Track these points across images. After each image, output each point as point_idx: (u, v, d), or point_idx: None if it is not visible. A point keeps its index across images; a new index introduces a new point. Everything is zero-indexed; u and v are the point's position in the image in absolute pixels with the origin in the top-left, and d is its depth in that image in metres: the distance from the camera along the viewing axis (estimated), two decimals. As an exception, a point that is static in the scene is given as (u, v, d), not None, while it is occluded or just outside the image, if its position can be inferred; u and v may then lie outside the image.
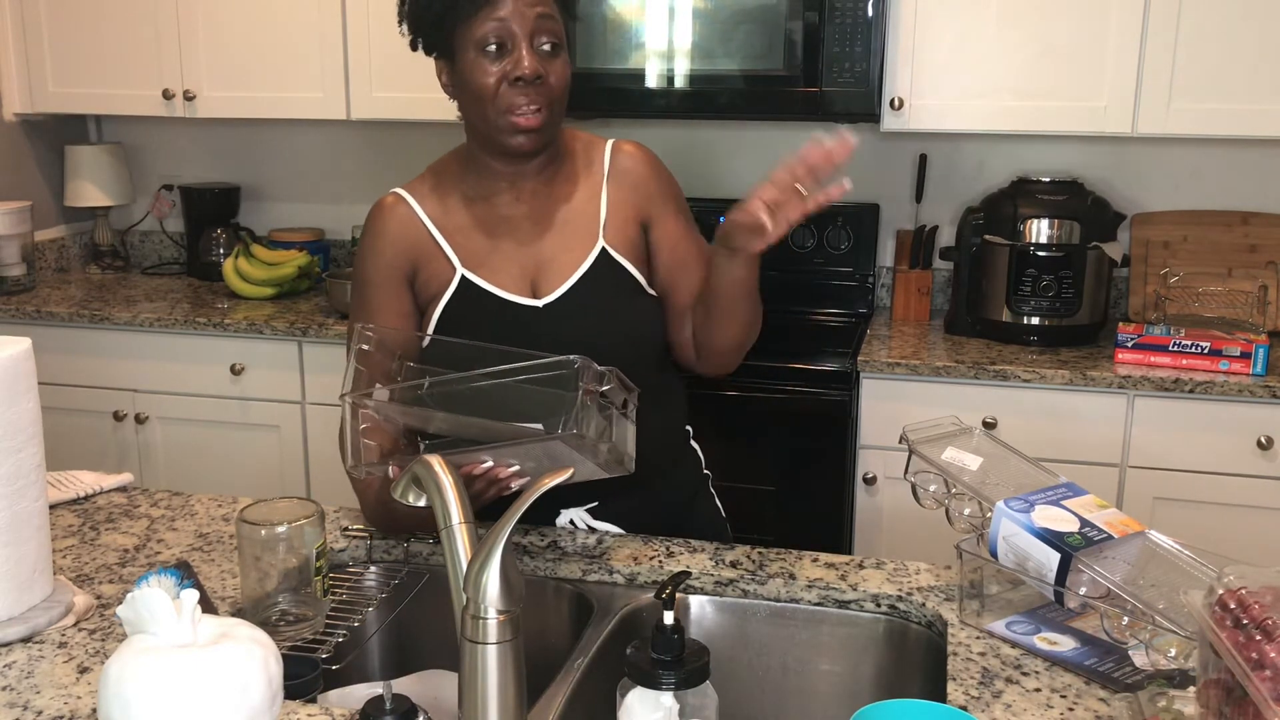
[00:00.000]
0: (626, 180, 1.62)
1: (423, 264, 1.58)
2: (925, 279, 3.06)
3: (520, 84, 1.48)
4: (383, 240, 1.59)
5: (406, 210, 1.60)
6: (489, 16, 1.47)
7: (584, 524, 1.62)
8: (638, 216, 1.61)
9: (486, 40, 1.48)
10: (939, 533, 1.53)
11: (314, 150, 3.58)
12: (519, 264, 1.58)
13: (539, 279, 1.57)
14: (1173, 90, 2.66)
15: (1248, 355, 2.52)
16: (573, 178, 1.62)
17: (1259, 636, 0.91)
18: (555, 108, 1.53)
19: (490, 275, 1.57)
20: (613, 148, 1.64)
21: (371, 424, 1.41)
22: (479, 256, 1.57)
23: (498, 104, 1.50)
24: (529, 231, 1.59)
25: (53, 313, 3.09)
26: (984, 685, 1.20)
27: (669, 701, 0.99)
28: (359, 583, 1.51)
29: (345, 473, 1.44)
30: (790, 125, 3.16)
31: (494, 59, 1.49)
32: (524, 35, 1.48)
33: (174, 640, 0.98)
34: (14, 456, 1.26)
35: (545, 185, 1.60)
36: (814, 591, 1.43)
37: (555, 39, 1.51)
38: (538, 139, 1.53)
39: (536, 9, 1.48)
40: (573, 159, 1.63)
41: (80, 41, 3.29)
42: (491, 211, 1.60)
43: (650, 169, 1.64)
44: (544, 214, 1.59)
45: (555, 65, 1.51)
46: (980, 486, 1.38)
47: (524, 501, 1.01)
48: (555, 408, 1.28)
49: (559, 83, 1.52)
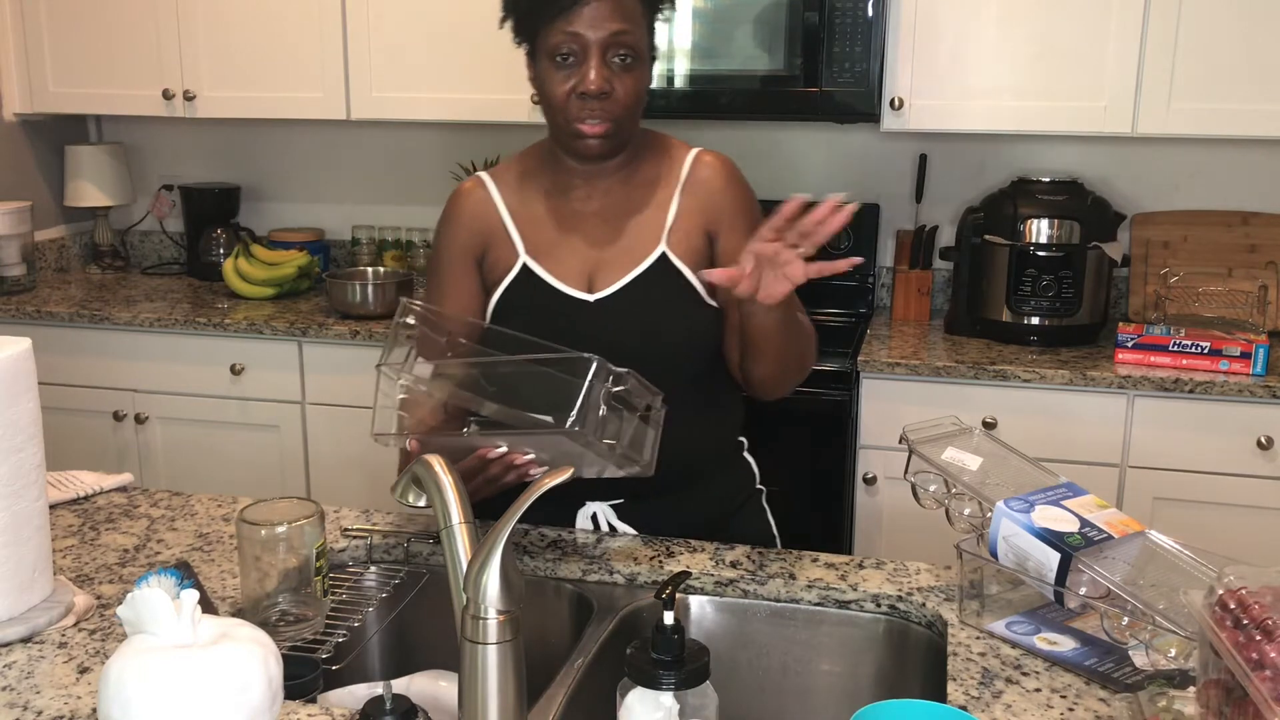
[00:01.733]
0: (700, 189, 1.62)
1: (491, 247, 1.62)
2: (925, 279, 3.06)
3: (586, 97, 1.50)
4: (458, 222, 1.65)
5: (484, 194, 1.65)
6: (563, 28, 1.48)
7: (605, 521, 1.62)
8: (705, 226, 1.61)
9: (559, 50, 1.50)
10: (939, 533, 1.53)
11: (314, 150, 3.58)
12: (581, 258, 1.60)
13: (596, 275, 1.59)
14: (1173, 90, 2.66)
15: (1248, 355, 2.52)
16: (649, 181, 1.62)
17: (1259, 636, 0.91)
18: (622, 120, 1.53)
19: (551, 266, 1.59)
20: (695, 156, 1.64)
21: (410, 397, 1.42)
22: (543, 246, 1.60)
23: (565, 113, 1.52)
24: (596, 228, 1.61)
25: (53, 313, 3.09)
26: (984, 685, 1.20)
27: (669, 701, 0.99)
28: (359, 583, 1.51)
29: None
30: (791, 125, 3.16)
31: (565, 70, 1.50)
32: (597, 49, 1.48)
33: (174, 640, 0.98)
34: (14, 456, 1.26)
35: (620, 185, 1.62)
36: (814, 591, 1.43)
37: (630, 51, 1.50)
38: (602, 146, 1.54)
39: (612, 25, 1.48)
40: (654, 162, 1.64)
41: (80, 41, 3.29)
42: (564, 205, 1.62)
43: (725, 181, 1.63)
44: (614, 213, 1.61)
45: (626, 80, 1.51)
46: (980, 486, 1.38)
47: (524, 502, 1.01)
48: (569, 401, 1.29)
49: (627, 97, 1.52)
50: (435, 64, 3.05)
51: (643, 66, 1.54)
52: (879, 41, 2.72)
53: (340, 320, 2.97)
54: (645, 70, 1.55)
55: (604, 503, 1.62)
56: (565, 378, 1.31)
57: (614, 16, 1.48)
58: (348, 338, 2.92)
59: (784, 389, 1.62)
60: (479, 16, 2.99)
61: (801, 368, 1.61)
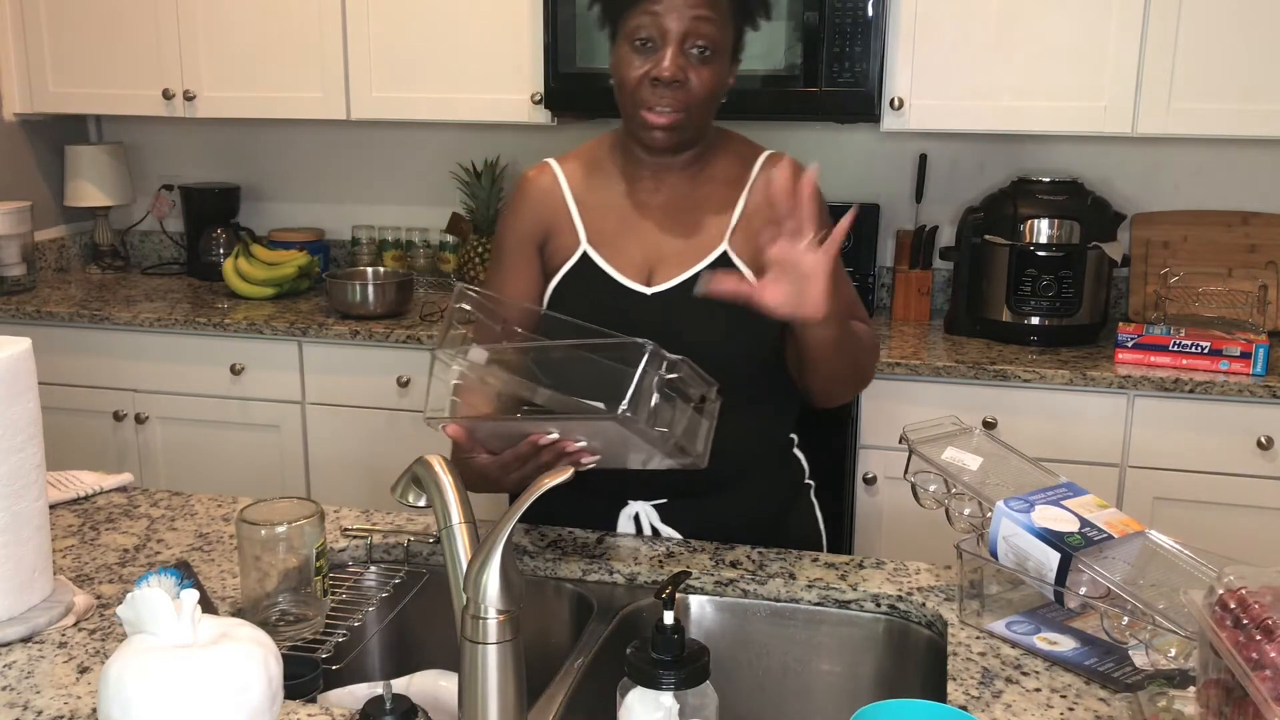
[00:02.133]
0: None
1: (554, 234, 1.62)
2: (925, 279, 3.06)
3: (658, 84, 1.48)
4: (523, 207, 1.64)
5: (550, 179, 1.64)
6: (645, 9, 1.47)
7: (648, 524, 1.60)
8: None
9: (637, 33, 1.48)
10: (939, 533, 1.53)
11: (314, 150, 3.58)
12: (642, 251, 1.59)
13: (656, 268, 1.58)
14: (1173, 90, 2.66)
15: (1248, 355, 2.52)
16: (717, 179, 1.61)
17: (1259, 636, 0.91)
18: (693, 112, 1.51)
19: (611, 256, 1.58)
20: (766, 158, 1.63)
21: (464, 382, 1.41)
22: (605, 236, 1.59)
23: (635, 98, 1.51)
24: (660, 221, 1.60)
25: (53, 313, 3.09)
26: (984, 685, 1.20)
27: (669, 701, 0.99)
28: (359, 583, 1.51)
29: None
30: (791, 125, 3.16)
31: (641, 54, 1.49)
32: (676, 35, 1.47)
33: (174, 640, 0.98)
34: (14, 456, 1.26)
35: (688, 181, 1.61)
36: (814, 591, 1.43)
37: (710, 44, 1.48)
38: (669, 137, 1.53)
39: (695, 11, 1.46)
40: (724, 160, 1.63)
41: (80, 41, 3.29)
42: (630, 196, 1.61)
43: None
44: (679, 207, 1.60)
45: (702, 71, 1.49)
46: (980, 486, 1.38)
47: (524, 502, 1.01)
48: (621, 388, 1.27)
49: (701, 89, 1.50)
50: (435, 64, 3.05)
51: (721, 62, 1.51)
52: (879, 41, 2.72)
53: (340, 320, 2.97)
54: (724, 67, 1.52)
55: (647, 502, 1.60)
56: (618, 365, 1.29)
57: (699, 5, 1.46)
58: (348, 338, 2.92)
59: (842, 399, 1.62)
60: (479, 16, 3.00)
61: (859, 379, 1.62)
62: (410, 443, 2.91)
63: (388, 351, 2.92)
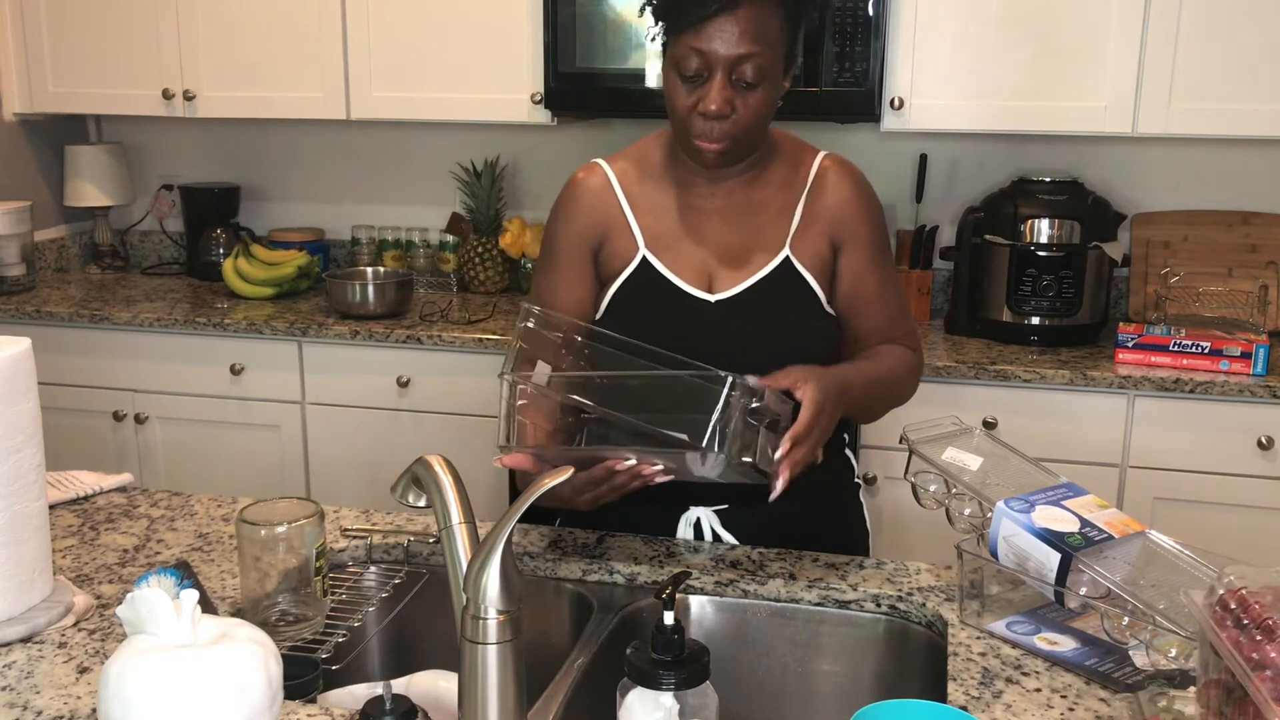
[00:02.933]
0: (826, 198, 1.59)
1: (610, 238, 1.59)
2: (926, 279, 3.06)
3: (706, 117, 1.46)
4: (576, 208, 1.60)
5: (602, 181, 1.61)
6: (691, 44, 1.43)
7: (709, 528, 1.59)
8: (829, 235, 1.59)
9: (685, 65, 1.45)
10: (939, 533, 1.53)
11: (314, 150, 3.58)
12: (701, 256, 1.57)
13: (717, 275, 1.56)
14: (1173, 90, 2.66)
15: (1248, 355, 2.52)
16: (774, 182, 1.59)
17: (1259, 636, 0.91)
18: (741, 138, 1.49)
19: (671, 261, 1.56)
20: (821, 161, 1.62)
21: (529, 400, 1.41)
22: (664, 241, 1.57)
23: (686, 125, 1.49)
24: (719, 227, 1.58)
25: (53, 313, 3.09)
26: (984, 685, 1.20)
27: (669, 701, 0.99)
28: (359, 583, 1.51)
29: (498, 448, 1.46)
30: (791, 125, 3.15)
31: (689, 84, 1.46)
32: (723, 68, 1.43)
33: (174, 640, 0.98)
34: (14, 456, 1.26)
35: (745, 185, 1.59)
36: (814, 591, 1.43)
37: (757, 72, 1.44)
38: (720, 160, 1.51)
39: (742, 48, 1.42)
40: (780, 163, 1.61)
41: (80, 41, 3.29)
42: (686, 200, 1.59)
43: (854, 192, 1.61)
44: (737, 212, 1.58)
45: (750, 98, 1.46)
46: (980, 486, 1.38)
47: (523, 502, 1.01)
48: (701, 414, 1.28)
49: (749, 117, 1.47)
50: (435, 64, 3.05)
51: (772, 83, 1.47)
52: (879, 41, 2.72)
53: (340, 320, 2.97)
54: (775, 85, 1.49)
55: (708, 508, 1.59)
56: (697, 384, 1.29)
57: (745, 37, 1.41)
58: (348, 338, 2.92)
59: (874, 420, 1.67)
60: (480, 16, 3.00)
61: (896, 404, 1.65)
62: (410, 443, 2.92)
63: (388, 351, 2.92)
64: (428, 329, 2.90)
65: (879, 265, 1.62)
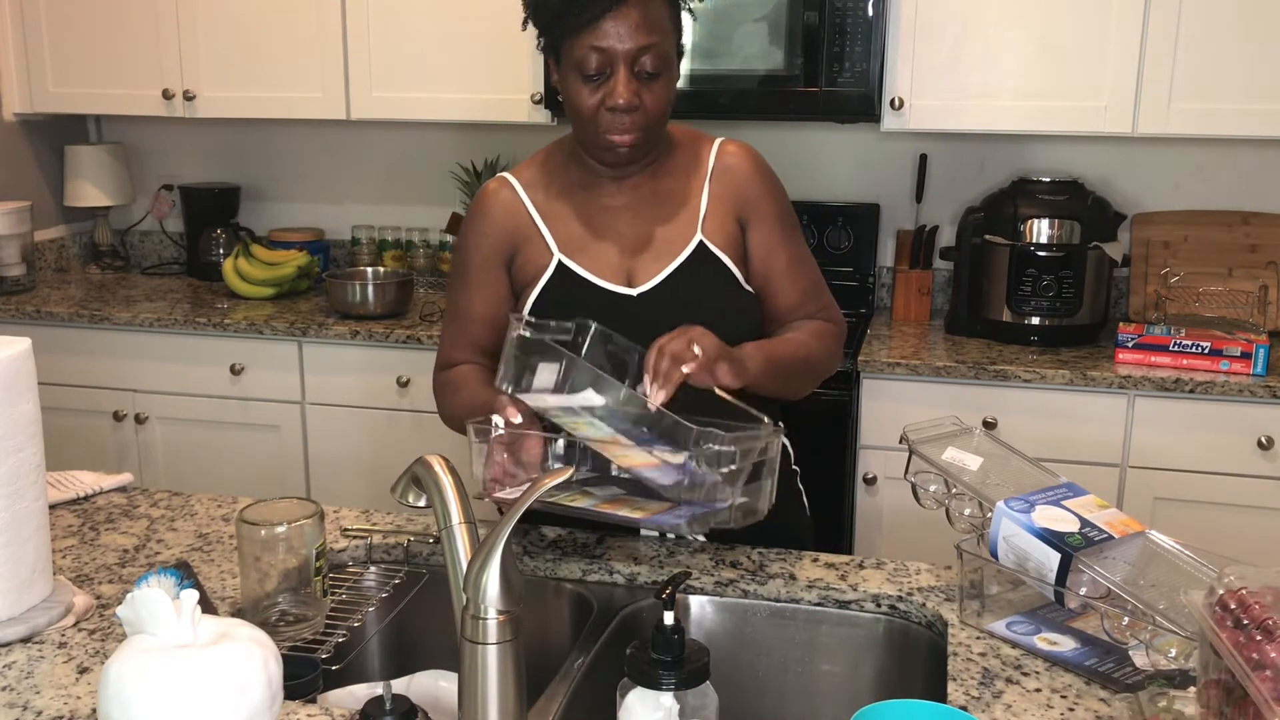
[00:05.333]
0: (728, 178, 1.62)
1: (521, 247, 1.61)
2: (925, 279, 3.06)
3: (615, 111, 1.49)
4: (485, 223, 1.63)
5: (510, 194, 1.64)
6: (589, 43, 1.47)
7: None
8: (736, 214, 1.62)
9: (585, 65, 1.48)
10: (939, 533, 1.53)
11: (314, 150, 3.58)
12: (616, 253, 1.59)
13: (635, 269, 1.59)
14: (1173, 90, 2.66)
15: (1248, 355, 2.52)
16: (676, 171, 1.63)
17: (1259, 637, 0.91)
18: (652, 127, 1.54)
19: (588, 262, 1.59)
20: (719, 146, 1.65)
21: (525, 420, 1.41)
22: (577, 243, 1.60)
23: (594, 125, 1.52)
24: (628, 222, 1.60)
25: (53, 313, 3.09)
26: (984, 685, 1.20)
27: (669, 702, 0.99)
28: (359, 583, 1.51)
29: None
30: (791, 125, 3.16)
31: (592, 84, 1.49)
32: (624, 62, 1.47)
33: (174, 640, 0.98)
34: (14, 456, 1.26)
35: (648, 178, 1.62)
36: (814, 592, 1.43)
37: (657, 63, 1.49)
38: (632, 154, 1.55)
39: (639, 40, 1.46)
40: (679, 152, 1.64)
41: (80, 41, 3.29)
42: (593, 201, 1.62)
43: (753, 169, 1.64)
44: (645, 205, 1.61)
45: (654, 88, 1.50)
46: (980, 486, 1.38)
47: (524, 502, 1.01)
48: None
49: (655, 106, 1.52)
50: (435, 64, 3.05)
51: (671, 71, 1.53)
52: (879, 41, 2.72)
53: (340, 320, 2.97)
54: (672, 74, 1.54)
55: None
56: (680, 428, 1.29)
57: (641, 29, 1.46)
58: (348, 338, 2.92)
59: (800, 395, 1.64)
60: (480, 16, 3.00)
61: (815, 379, 1.64)
62: (410, 443, 2.92)
63: (388, 351, 2.92)
64: (428, 329, 2.90)
65: (787, 240, 1.65)
